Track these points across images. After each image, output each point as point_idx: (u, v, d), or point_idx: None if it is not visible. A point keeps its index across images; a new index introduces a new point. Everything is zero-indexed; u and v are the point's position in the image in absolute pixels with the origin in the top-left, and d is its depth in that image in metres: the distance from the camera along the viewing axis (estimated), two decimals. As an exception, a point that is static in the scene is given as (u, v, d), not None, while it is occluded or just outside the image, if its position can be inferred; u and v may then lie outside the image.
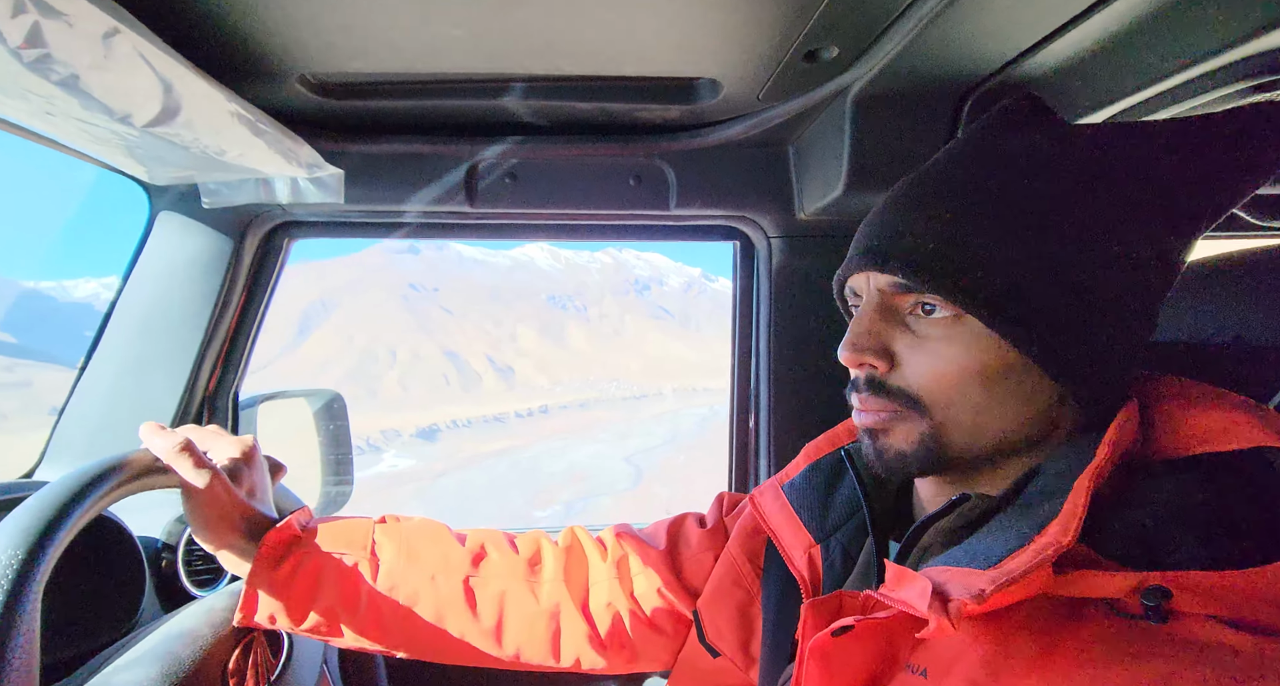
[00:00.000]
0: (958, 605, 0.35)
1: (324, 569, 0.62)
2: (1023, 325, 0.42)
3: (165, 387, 0.97)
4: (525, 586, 0.66)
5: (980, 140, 0.49)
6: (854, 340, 0.46)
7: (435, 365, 57.60)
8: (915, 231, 0.44)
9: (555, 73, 0.77)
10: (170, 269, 0.96)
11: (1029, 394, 0.43)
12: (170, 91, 0.58)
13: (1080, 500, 0.37)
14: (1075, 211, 0.42)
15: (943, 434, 0.44)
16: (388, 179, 0.95)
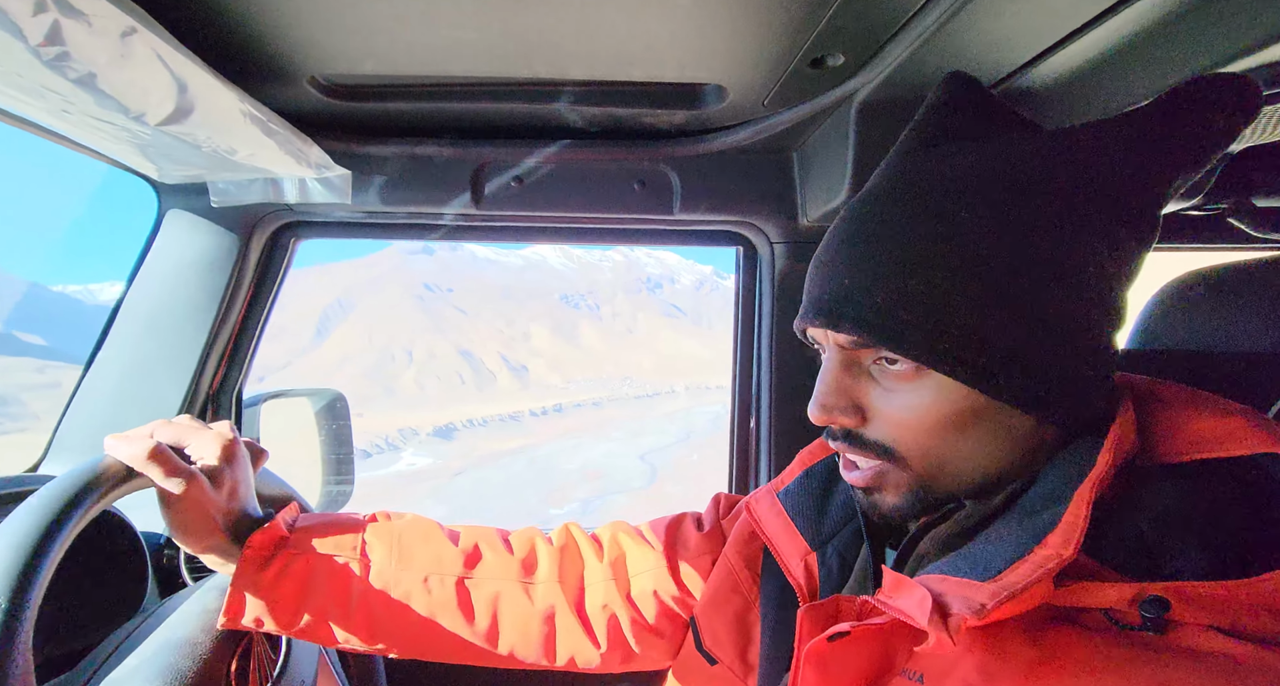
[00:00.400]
0: (958, 620, 0.35)
1: (313, 570, 0.60)
2: (989, 372, 0.41)
3: (170, 385, 0.97)
4: (519, 587, 0.65)
5: (916, 164, 0.47)
6: (822, 400, 0.46)
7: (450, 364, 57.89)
8: (861, 285, 0.43)
9: (562, 77, 0.77)
10: (177, 267, 0.96)
11: (1005, 429, 0.43)
12: (184, 91, 0.59)
13: (1082, 511, 0.37)
14: (1026, 236, 0.41)
15: (928, 481, 0.45)
16: (394, 180, 0.96)
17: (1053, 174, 0.43)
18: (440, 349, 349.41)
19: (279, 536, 0.60)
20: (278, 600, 0.58)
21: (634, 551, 0.70)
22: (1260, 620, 0.34)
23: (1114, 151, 0.43)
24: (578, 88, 0.81)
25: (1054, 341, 0.41)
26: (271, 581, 0.58)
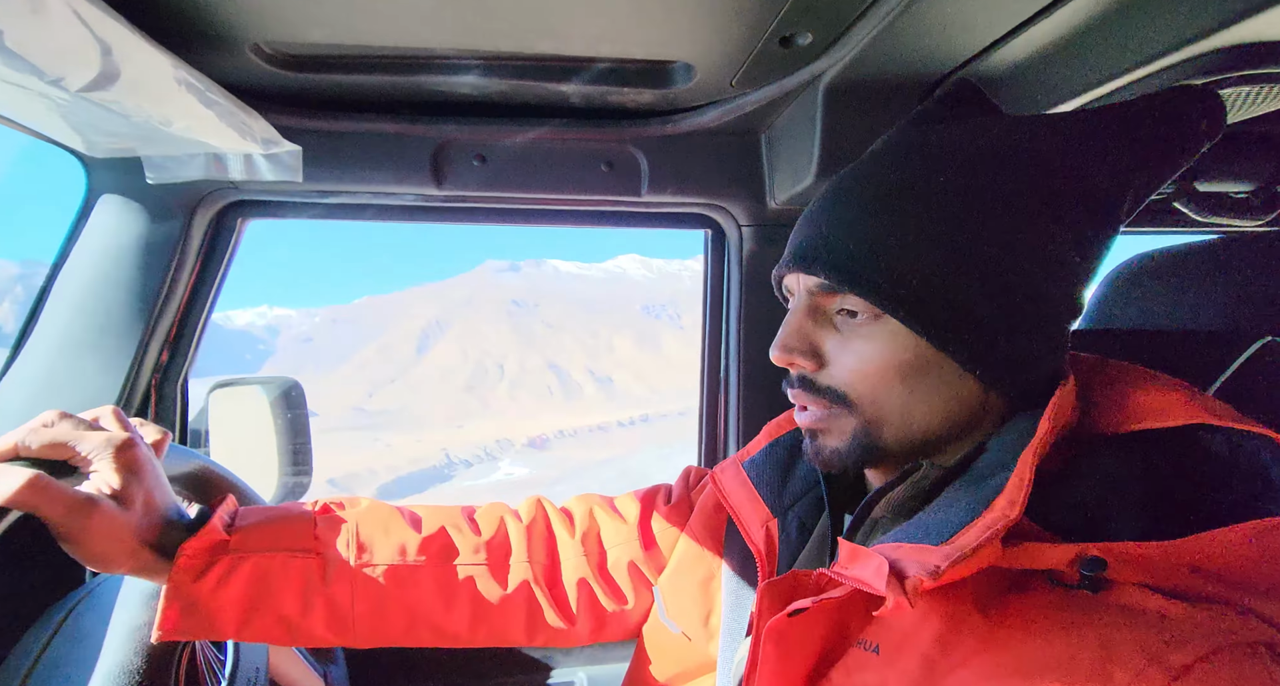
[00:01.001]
0: (914, 582, 0.36)
1: (261, 573, 0.55)
2: (939, 323, 0.43)
3: (105, 375, 0.91)
4: (490, 570, 0.64)
5: (905, 135, 0.50)
6: (784, 341, 0.48)
7: (540, 377, 56.63)
8: (838, 233, 0.46)
9: (526, 51, 0.74)
10: (111, 249, 0.90)
11: (952, 387, 0.45)
12: (109, 54, 0.54)
13: (1025, 475, 0.39)
14: (993, 206, 0.43)
15: (873, 429, 0.47)
16: (350, 158, 0.92)
17: (1029, 154, 0.45)
18: (530, 362, 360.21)
19: (216, 541, 0.54)
20: (220, 608, 0.53)
21: (607, 525, 0.71)
22: (1187, 579, 0.36)
23: (1093, 143, 0.45)
24: (542, 63, 0.78)
25: (1007, 308, 0.43)
26: (211, 590, 0.53)
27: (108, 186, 0.89)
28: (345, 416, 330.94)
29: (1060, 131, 0.46)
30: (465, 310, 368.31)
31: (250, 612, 0.54)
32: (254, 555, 0.55)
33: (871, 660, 0.41)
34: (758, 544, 0.55)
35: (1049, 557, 0.38)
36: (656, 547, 0.69)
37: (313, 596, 0.56)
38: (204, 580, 0.53)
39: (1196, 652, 0.32)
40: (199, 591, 0.52)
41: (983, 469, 0.43)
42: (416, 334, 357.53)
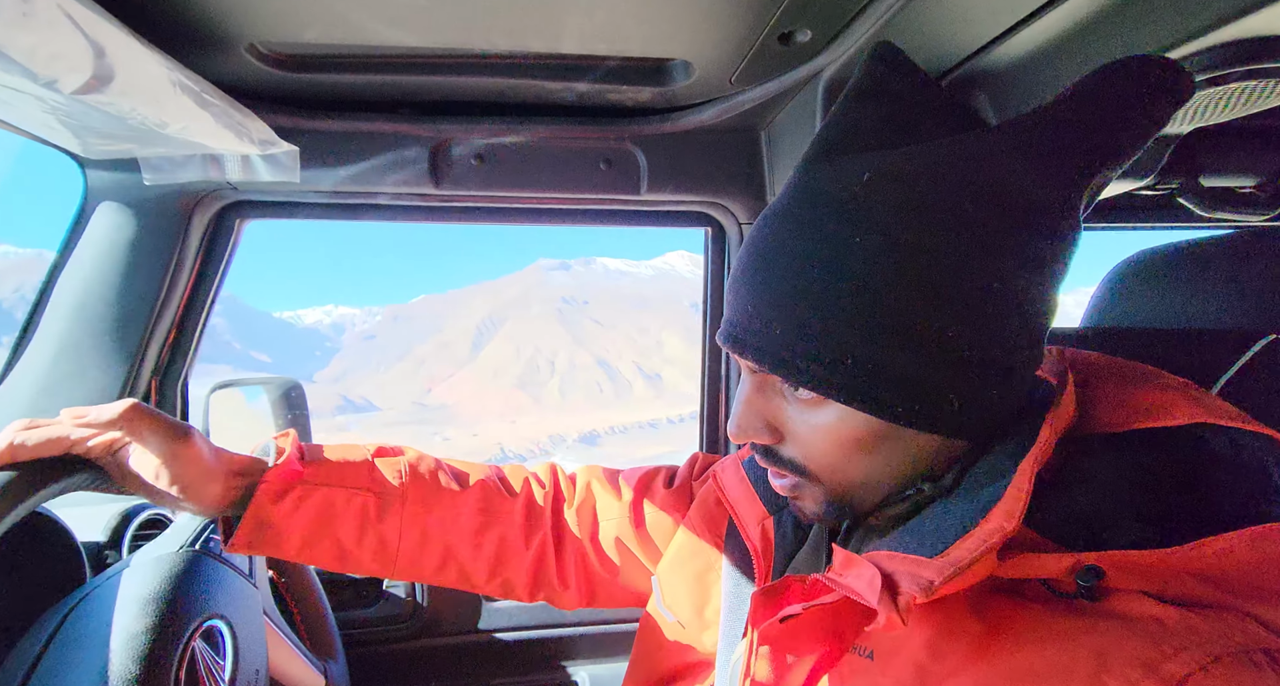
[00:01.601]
0: (906, 599, 0.36)
1: (325, 504, 0.62)
2: (883, 401, 0.41)
3: (105, 377, 0.91)
4: (520, 532, 0.69)
5: (813, 181, 0.44)
6: (739, 422, 0.47)
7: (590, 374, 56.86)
8: (762, 315, 0.43)
9: (524, 50, 0.74)
10: (110, 252, 0.90)
11: (911, 447, 0.43)
12: (102, 56, 0.54)
13: (1024, 485, 0.37)
14: (919, 261, 0.39)
15: (842, 496, 0.46)
16: (347, 158, 0.91)
17: (946, 190, 0.40)
18: (580, 359, 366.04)
19: (292, 470, 0.62)
20: (288, 530, 0.60)
21: (603, 499, 0.73)
22: (1187, 585, 0.35)
23: (1013, 159, 0.40)
24: (540, 61, 0.78)
25: (954, 368, 0.40)
26: (285, 513, 0.60)
27: (105, 188, 0.89)
28: (406, 410, 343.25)
29: (978, 154, 0.41)
30: (517, 308, 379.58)
31: (312, 537, 0.62)
32: (322, 487, 0.62)
33: (866, 666, 0.41)
34: (754, 542, 0.56)
35: (1046, 567, 0.37)
36: (645, 528, 0.71)
37: (367, 529, 0.63)
38: (281, 504, 0.60)
39: (1194, 662, 0.31)
40: (275, 513, 0.60)
41: (980, 476, 0.41)
42: (471, 331, 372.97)
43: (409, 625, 1.04)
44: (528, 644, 1.08)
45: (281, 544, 0.61)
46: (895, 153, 0.43)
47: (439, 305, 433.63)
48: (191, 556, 0.63)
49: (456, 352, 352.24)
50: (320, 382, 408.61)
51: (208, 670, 0.54)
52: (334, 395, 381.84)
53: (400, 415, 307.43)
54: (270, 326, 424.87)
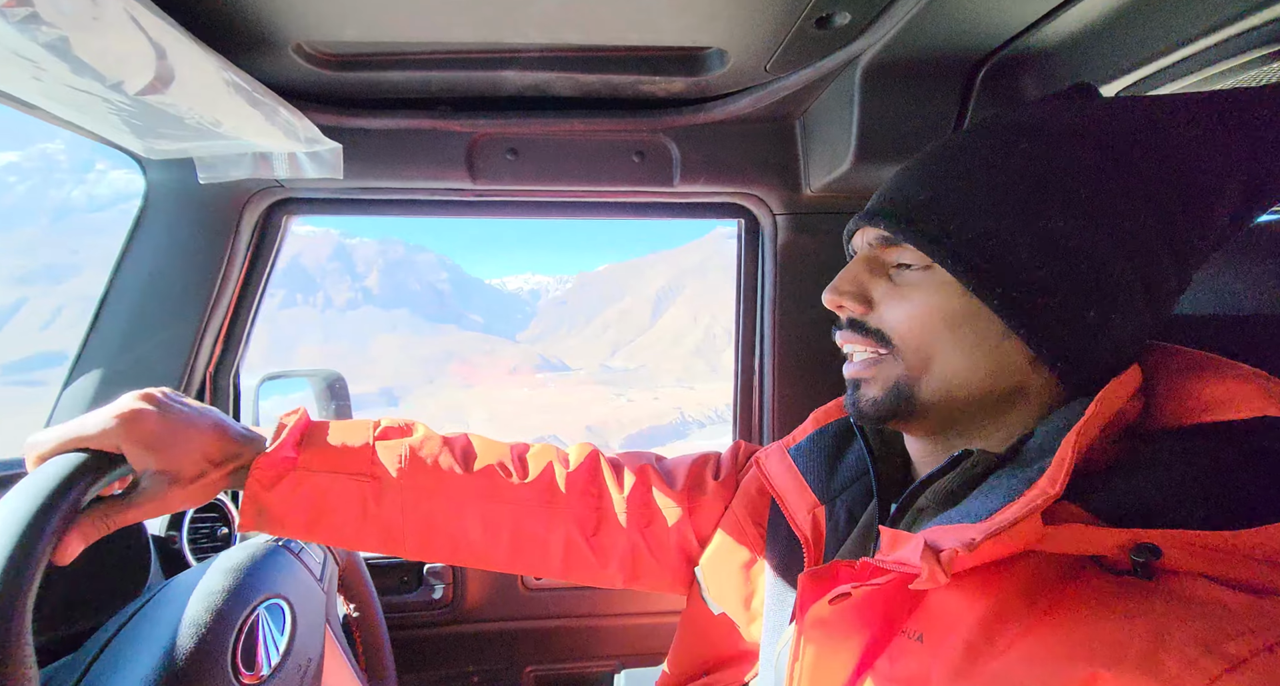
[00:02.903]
0: (949, 554, 0.36)
1: (320, 491, 0.61)
2: (982, 274, 0.43)
3: (164, 367, 0.96)
4: (530, 511, 0.67)
5: (999, 113, 0.50)
6: (837, 285, 0.51)
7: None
8: (908, 190, 0.48)
9: (558, 43, 0.75)
10: (168, 247, 0.94)
11: (993, 346, 0.45)
12: (163, 57, 0.56)
13: (1066, 453, 0.38)
14: (1069, 179, 0.43)
15: (913, 379, 0.47)
16: (387, 154, 0.94)
17: (1121, 132, 0.44)
18: None
19: (284, 458, 0.61)
20: (286, 515, 0.60)
21: (656, 490, 0.72)
22: (1254, 570, 0.34)
23: (1194, 126, 0.43)
24: (573, 54, 0.78)
25: (1063, 276, 0.43)
26: (279, 499, 0.60)
27: (163, 187, 0.93)
28: (593, 372, 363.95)
29: (1159, 112, 0.44)
30: (695, 276, 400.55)
31: (313, 522, 0.61)
32: (316, 474, 0.61)
33: (916, 648, 0.41)
34: (804, 531, 0.55)
35: (1098, 542, 0.36)
36: (699, 518, 0.70)
37: (367, 515, 0.63)
38: (274, 490, 0.60)
39: (1257, 644, 0.30)
40: (269, 499, 0.60)
41: (1028, 455, 0.42)
42: (651, 298, 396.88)
43: (449, 610, 1.07)
44: (564, 631, 1.10)
45: (285, 527, 0.61)
46: (1086, 99, 0.49)
47: (622, 273, 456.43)
48: (273, 548, 0.68)
49: (637, 319, 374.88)
50: (521, 342, 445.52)
51: (266, 639, 0.57)
52: (533, 354, 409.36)
53: (589, 376, 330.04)
54: (482, 291, 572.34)
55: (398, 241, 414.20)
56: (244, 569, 0.62)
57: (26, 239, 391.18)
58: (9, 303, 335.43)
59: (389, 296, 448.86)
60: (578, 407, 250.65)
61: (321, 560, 0.71)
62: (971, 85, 0.75)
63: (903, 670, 0.41)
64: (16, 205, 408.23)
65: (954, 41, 0.68)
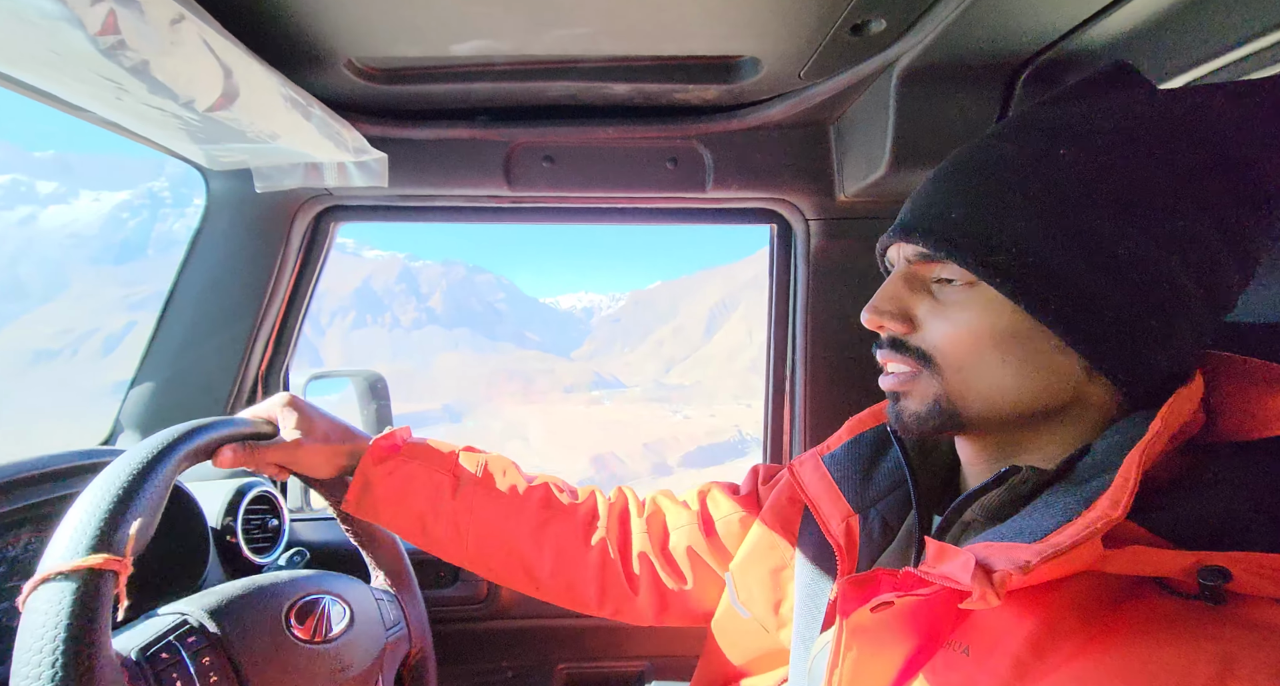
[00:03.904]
0: (1002, 576, 0.35)
1: (410, 475, 0.71)
2: (1034, 291, 0.41)
3: (220, 366, 1.01)
4: (580, 532, 0.73)
5: (1031, 113, 0.47)
6: (876, 304, 0.49)
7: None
8: (943, 203, 0.46)
9: (593, 54, 0.77)
10: (225, 253, 1.00)
11: (1049, 363, 0.43)
12: (230, 76, 0.60)
13: (1130, 473, 0.36)
14: (1115, 182, 0.41)
15: (956, 396, 0.45)
16: (429, 163, 0.97)
17: (1168, 128, 0.41)
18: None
19: (394, 445, 0.72)
20: (383, 494, 0.70)
21: (671, 511, 0.75)
22: None
23: (1248, 116, 0.41)
24: (609, 64, 0.80)
25: (1119, 285, 0.40)
26: (382, 476, 0.70)
27: (222, 196, 0.99)
28: (648, 389, 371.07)
29: (1209, 104, 0.42)
30: (750, 291, 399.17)
31: (399, 504, 0.70)
32: (411, 462, 0.71)
33: (961, 661, 0.40)
34: (838, 538, 0.55)
35: (1163, 564, 0.35)
36: (716, 536, 0.71)
37: (441, 506, 0.71)
38: (381, 466, 0.70)
39: None
40: (376, 473, 0.69)
41: (1085, 471, 0.40)
42: (704, 315, 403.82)
43: (482, 606, 1.09)
44: (596, 630, 1.11)
45: (379, 508, 0.70)
46: (1126, 93, 0.45)
47: (674, 290, 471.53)
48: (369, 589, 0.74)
49: (691, 336, 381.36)
50: (577, 360, 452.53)
51: (324, 615, 0.61)
52: (589, 371, 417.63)
53: (644, 393, 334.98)
54: (537, 310, 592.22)
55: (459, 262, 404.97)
56: (331, 573, 0.69)
57: (135, 269, 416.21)
58: (120, 327, 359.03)
59: (451, 316, 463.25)
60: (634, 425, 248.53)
61: (396, 622, 0.73)
62: (1013, 87, 0.74)
63: (947, 682, 0.40)
64: (128, 239, 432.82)
65: (995, 44, 0.67)
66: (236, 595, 0.57)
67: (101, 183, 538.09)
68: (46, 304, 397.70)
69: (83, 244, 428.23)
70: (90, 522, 0.43)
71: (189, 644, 0.48)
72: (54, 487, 0.68)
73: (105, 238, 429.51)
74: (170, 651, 0.47)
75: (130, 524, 0.44)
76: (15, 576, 0.67)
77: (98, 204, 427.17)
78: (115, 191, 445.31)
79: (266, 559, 0.92)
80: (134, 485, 0.46)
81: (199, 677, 0.47)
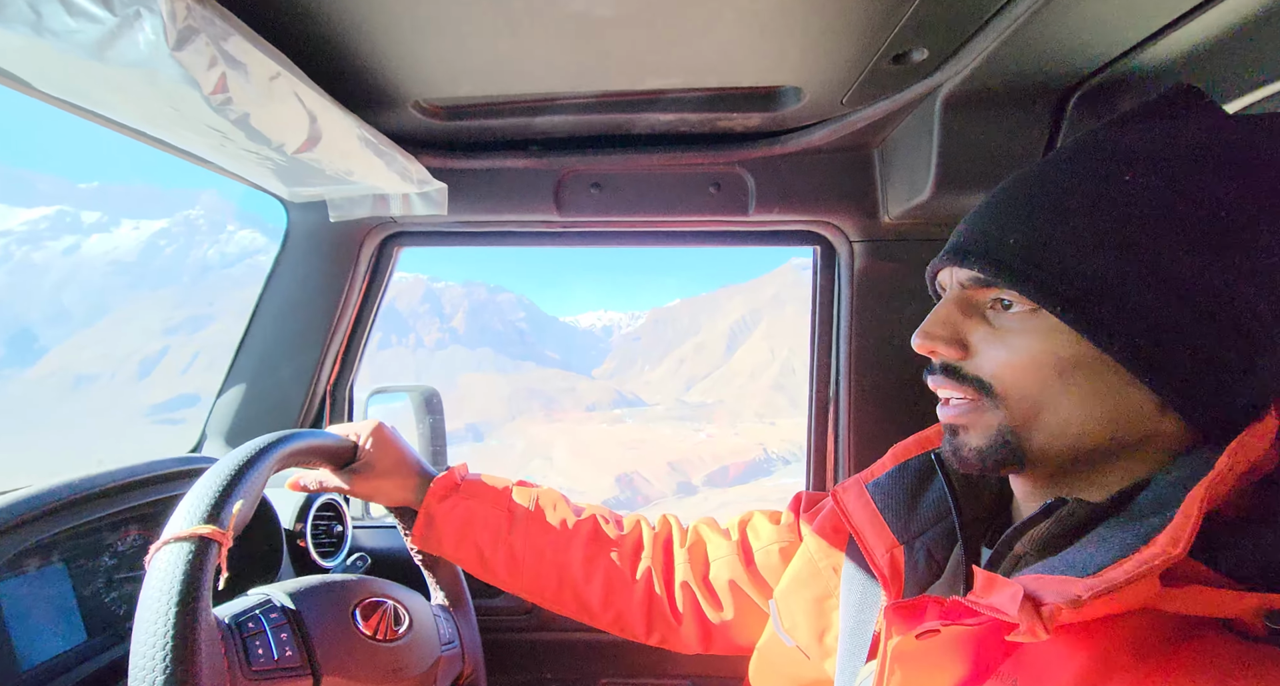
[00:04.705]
0: (1051, 609, 0.34)
1: (472, 512, 0.75)
2: (1103, 321, 0.40)
3: (294, 380, 1.10)
4: (628, 563, 0.75)
5: (1093, 137, 0.46)
6: (927, 328, 0.47)
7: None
8: (1000, 227, 0.44)
9: (642, 87, 0.80)
10: (301, 277, 1.09)
11: (1114, 394, 0.41)
12: (315, 122, 0.67)
13: (1193, 511, 0.35)
14: (1188, 209, 0.39)
15: (1019, 428, 0.44)
16: (485, 192, 1.03)
17: (1245, 155, 0.40)
18: None
19: (454, 482, 0.77)
20: (445, 528, 0.75)
21: (712, 540, 0.76)
22: None
23: None
24: (655, 96, 0.84)
25: (1194, 316, 0.39)
26: (445, 512, 0.75)
27: (301, 225, 1.08)
28: (670, 407, 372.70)
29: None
30: (771, 308, 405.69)
31: (460, 538, 0.75)
32: (469, 499, 0.76)
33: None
34: (883, 569, 0.54)
35: (1226, 605, 0.34)
36: (755, 567, 0.72)
37: (500, 540, 0.75)
38: (443, 503, 0.75)
39: None
40: (439, 510, 0.75)
41: (1144, 506, 0.39)
42: (725, 333, 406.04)
43: (528, 618, 1.12)
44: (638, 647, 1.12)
45: (442, 541, 0.75)
46: (1198, 116, 0.43)
47: (694, 307, 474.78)
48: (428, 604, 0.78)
49: (712, 354, 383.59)
50: (598, 379, 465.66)
51: (388, 615, 0.65)
52: (610, 390, 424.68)
53: (665, 411, 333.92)
54: (557, 329, 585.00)
55: (480, 283, 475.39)
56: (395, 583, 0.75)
57: (172, 295, 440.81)
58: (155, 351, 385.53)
59: (473, 336, 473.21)
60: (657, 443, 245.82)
61: (451, 639, 0.77)
62: (1063, 110, 0.73)
63: None
64: (164, 266, 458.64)
65: (1043, 68, 0.67)
66: (313, 585, 0.63)
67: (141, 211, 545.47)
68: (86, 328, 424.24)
69: (123, 271, 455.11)
70: (202, 501, 0.51)
71: (271, 619, 0.55)
72: (158, 490, 0.76)
73: (143, 264, 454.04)
74: (255, 622, 0.54)
75: (233, 505, 0.52)
76: (124, 569, 0.74)
77: (137, 232, 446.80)
78: (154, 220, 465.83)
79: (332, 562, 0.98)
80: (239, 474, 0.54)
81: (277, 648, 0.53)
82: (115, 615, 0.73)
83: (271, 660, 0.52)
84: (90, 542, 0.72)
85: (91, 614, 0.71)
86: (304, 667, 0.54)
